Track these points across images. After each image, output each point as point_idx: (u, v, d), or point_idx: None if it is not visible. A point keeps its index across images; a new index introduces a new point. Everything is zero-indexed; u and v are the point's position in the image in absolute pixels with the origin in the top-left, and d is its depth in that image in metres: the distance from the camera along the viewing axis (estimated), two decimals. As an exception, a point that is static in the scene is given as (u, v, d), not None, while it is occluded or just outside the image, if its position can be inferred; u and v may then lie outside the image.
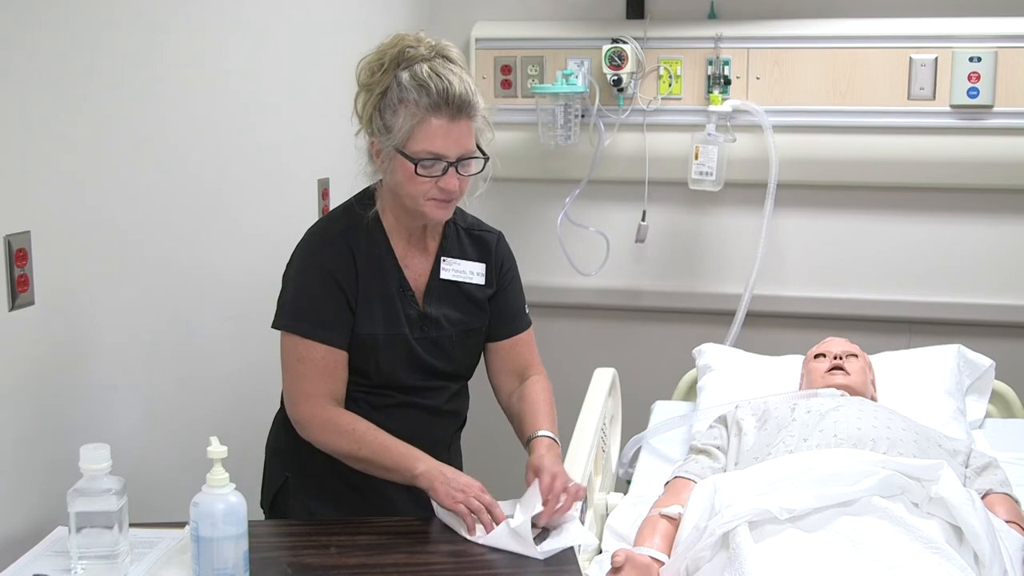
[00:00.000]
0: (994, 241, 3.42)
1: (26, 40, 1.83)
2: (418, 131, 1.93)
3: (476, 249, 2.18)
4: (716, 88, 3.39)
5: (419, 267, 2.11)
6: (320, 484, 2.11)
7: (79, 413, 2.01)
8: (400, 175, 1.98)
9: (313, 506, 2.12)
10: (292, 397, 2.05)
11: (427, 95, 1.91)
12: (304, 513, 2.12)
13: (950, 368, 2.98)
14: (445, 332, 2.11)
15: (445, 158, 1.95)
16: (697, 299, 3.59)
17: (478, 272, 2.16)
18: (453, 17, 3.62)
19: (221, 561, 1.61)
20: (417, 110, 1.92)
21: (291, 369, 2.04)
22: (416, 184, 1.96)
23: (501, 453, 2.77)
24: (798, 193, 3.47)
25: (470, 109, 1.95)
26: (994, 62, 3.23)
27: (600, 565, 2.23)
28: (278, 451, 2.19)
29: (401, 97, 1.93)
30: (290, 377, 2.05)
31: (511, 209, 3.65)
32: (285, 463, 2.16)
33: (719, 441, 2.49)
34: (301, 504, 2.13)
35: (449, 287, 2.12)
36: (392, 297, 2.06)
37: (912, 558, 1.88)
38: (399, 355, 2.06)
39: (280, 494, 2.16)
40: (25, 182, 1.84)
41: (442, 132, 1.93)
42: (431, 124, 1.92)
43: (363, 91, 2.00)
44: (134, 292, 2.17)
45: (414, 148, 1.94)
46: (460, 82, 1.94)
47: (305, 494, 2.13)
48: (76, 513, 1.64)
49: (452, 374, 2.15)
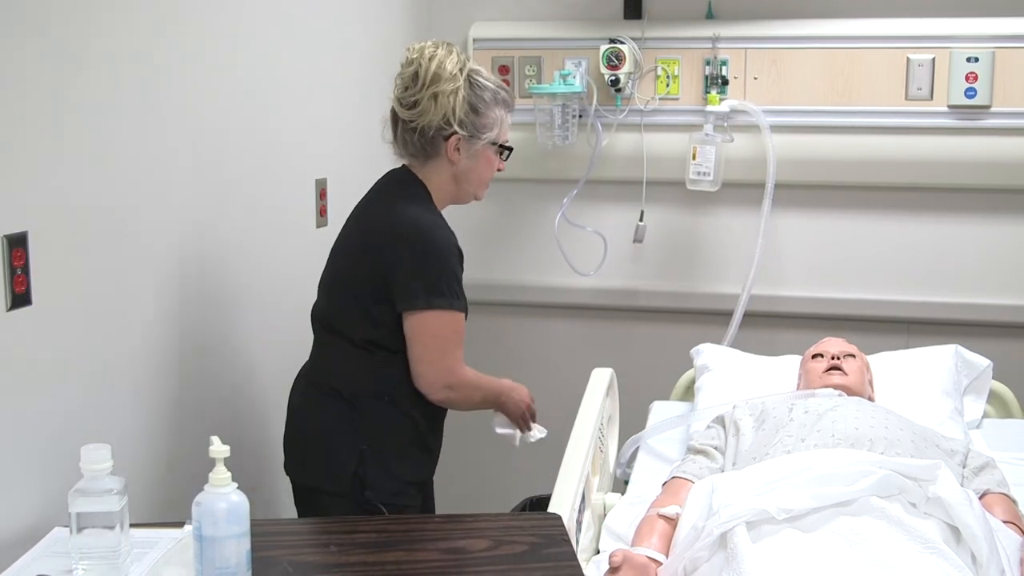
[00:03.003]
0: (992, 241, 3.42)
1: (25, 39, 1.83)
2: (504, 124, 2.33)
3: None
4: (714, 88, 3.40)
5: None
6: (393, 449, 2.28)
7: (77, 413, 2.01)
8: (482, 163, 2.33)
9: (395, 468, 2.27)
10: (449, 365, 2.26)
11: (506, 94, 2.32)
12: (390, 477, 2.26)
13: (948, 368, 2.98)
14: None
15: (510, 146, 2.38)
16: (695, 299, 3.60)
17: None
18: (451, 17, 3.62)
19: (223, 560, 1.61)
20: (503, 109, 2.32)
21: (447, 341, 2.25)
22: (493, 168, 2.35)
23: (500, 452, 2.77)
24: (796, 193, 3.48)
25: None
26: (991, 62, 3.24)
27: (598, 565, 2.23)
28: (338, 431, 2.28)
29: (495, 98, 2.30)
30: (443, 349, 2.25)
31: (509, 209, 3.65)
32: (354, 439, 2.26)
33: (717, 441, 2.49)
34: (383, 470, 2.26)
35: None
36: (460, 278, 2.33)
37: (910, 558, 1.89)
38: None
39: (359, 469, 2.25)
40: (23, 182, 1.84)
41: (508, 123, 2.36)
42: (506, 118, 2.34)
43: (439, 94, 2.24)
44: (132, 292, 2.16)
45: (503, 138, 2.34)
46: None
47: (383, 461, 2.26)
48: (77, 513, 1.64)
49: None
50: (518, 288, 3.68)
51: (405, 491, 2.30)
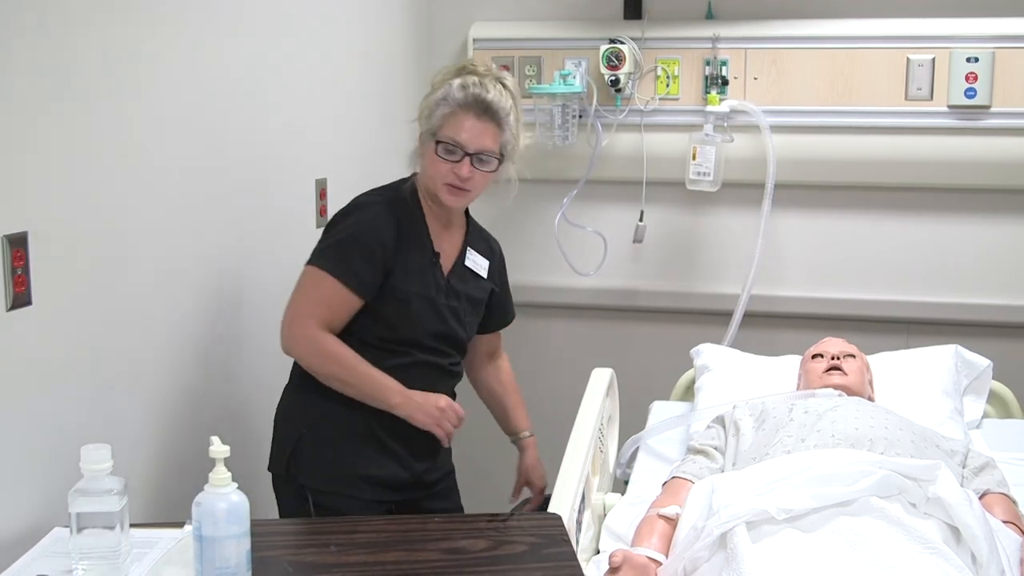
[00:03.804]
0: (992, 241, 3.42)
1: (25, 39, 1.83)
2: (448, 120, 2.28)
3: (486, 248, 2.52)
4: (714, 88, 3.40)
5: (448, 251, 2.41)
6: (332, 437, 2.31)
7: (77, 413, 2.01)
8: (426, 157, 2.32)
9: (329, 456, 2.30)
10: (289, 315, 2.29)
11: (464, 94, 2.28)
12: (323, 464, 2.30)
13: (948, 368, 2.98)
14: (463, 305, 2.41)
15: (464, 148, 2.27)
16: (695, 299, 3.60)
17: (484, 267, 2.49)
18: (451, 17, 3.62)
19: (223, 560, 1.61)
20: (453, 105, 2.28)
21: (301, 294, 2.29)
22: (436, 165, 2.29)
23: (500, 452, 2.77)
24: (796, 193, 3.48)
25: (498, 116, 2.29)
26: (991, 62, 3.24)
27: (598, 565, 2.23)
28: (289, 415, 2.38)
29: (446, 95, 2.29)
30: (296, 300, 2.29)
31: (509, 209, 3.65)
32: (297, 423, 2.34)
33: (717, 441, 2.49)
34: (317, 456, 2.30)
35: (468, 273, 2.44)
36: (427, 266, 2.34)
37: (910, 558, 1.89)
38: (427, 314, 2.34)
39: (296, 452, 2.31)
40: (23, 182, 1.84)
41: (467, 126, 2.27)
42: (459, 116, 2.27)
43: (430, 92, 2.34)
44: (132, 292, 2.16)
45: (441, 134, 2.28)
46: (498, 94, 2.29)
47: (319, 449, 2.30)
48: (77, 513, 1.64)
49: (460, 343, 2.43)
50: (518, 288, 3.64)
51: (355, 484, 2.31)
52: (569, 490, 2.16)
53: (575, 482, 2.21)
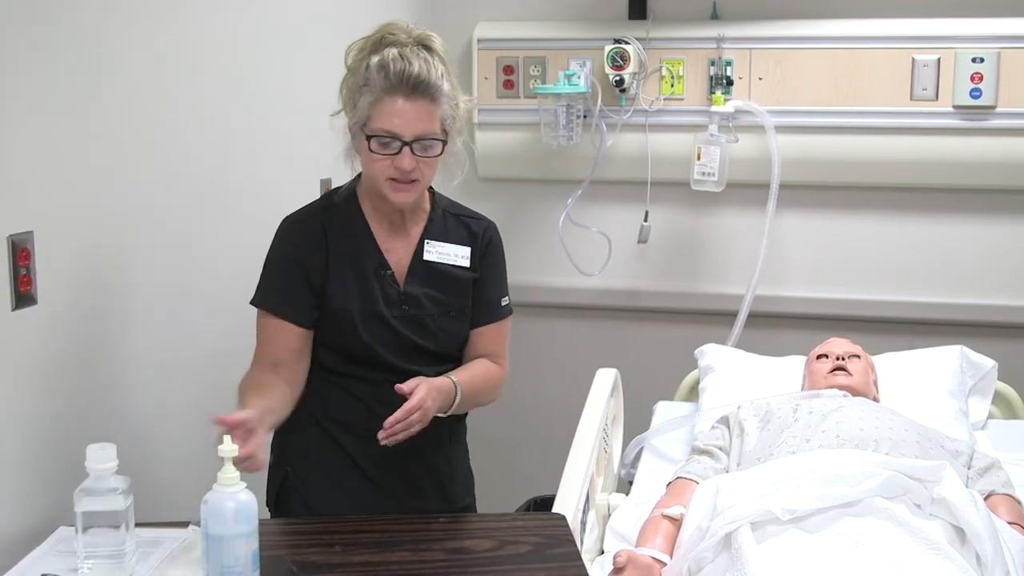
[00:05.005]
0: (997, 242, 3.42)
1: (28, 39, 1.83)
2: (376, 109, 1.99)
3: (461, 233, 2.21)
4: (718, 88, 3.40)
5: (401, 250, 2.15)
6: (314, 476, 2.16)
7: (83, 413, 2.01)
8: (362, 155, 2.05)
9: (310, 497, 2.16)
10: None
11: (386, 76, 1.98)
12: (303, 506, 2.15)
13: (952, 369, 2.98)
14: (427, 311, 2.14)
15: (400, 137, 1.99)
16: (699, 300, 3.60)
17: (463, 255, 2.19)
18: (455, 17, 3.61)
19: (231, 559, 1.61)
20: (376, 90, 1.99)
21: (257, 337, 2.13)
22: (373, 162, 2.02)
23: (504, 452, 2.77)
24: (800, 194, 3.47)
25: (430, 91, 1.99)
26: (997, 62, 3.23)
27: (602, 565, 2.23)
28: (275, 448, 2.20)
29: (367, 79, 2.00)
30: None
31: (513, 209, 3.65)
32: (285, 460, 2.19)
33: (721, 442, 2.49)
34: (300, 498, 2.17)
35: (432, 269, 2.16)
36: (368, 276, 2.11)
37: (914, 559, 1.89)
38: (378, 331, 2.10)
39: (282, 491, 2.19)
40: (28, 182, 1.84)
41: (397, 111, 1.98)
42: (386, 103, 1.98)
43: (347, 74, 2.07)
44: (137, 291, 2.17)
45: (371, 126, 2.00)
46: (423, 65, 1.99)
47: (304, 488, 2.17)
48: (82, 512, 1.65)
49: (437, 353, 2.17)
50: (522, 288, 3.65)
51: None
52: (573, 490, 2.16)
53: (579, 482, 2.21)
